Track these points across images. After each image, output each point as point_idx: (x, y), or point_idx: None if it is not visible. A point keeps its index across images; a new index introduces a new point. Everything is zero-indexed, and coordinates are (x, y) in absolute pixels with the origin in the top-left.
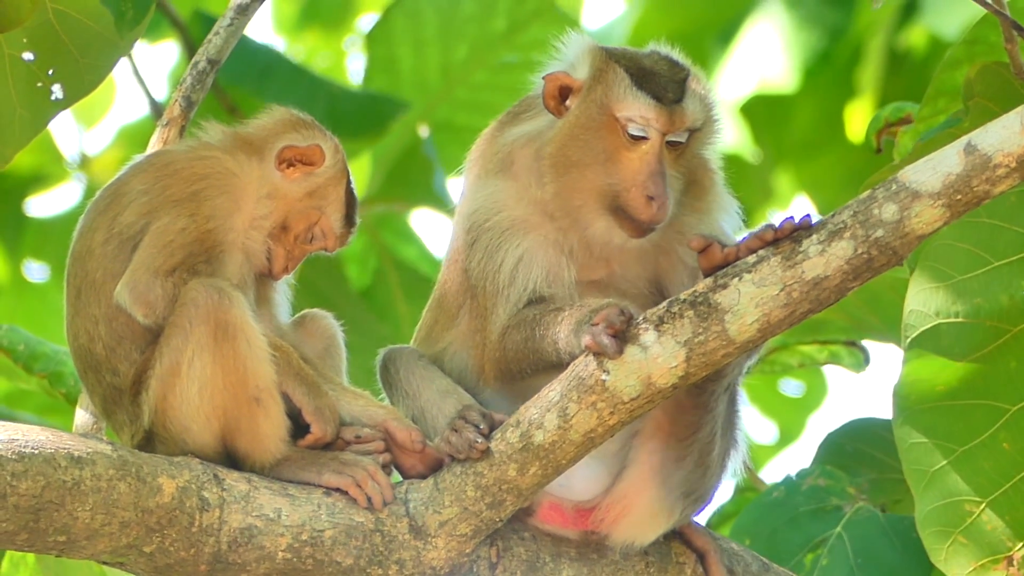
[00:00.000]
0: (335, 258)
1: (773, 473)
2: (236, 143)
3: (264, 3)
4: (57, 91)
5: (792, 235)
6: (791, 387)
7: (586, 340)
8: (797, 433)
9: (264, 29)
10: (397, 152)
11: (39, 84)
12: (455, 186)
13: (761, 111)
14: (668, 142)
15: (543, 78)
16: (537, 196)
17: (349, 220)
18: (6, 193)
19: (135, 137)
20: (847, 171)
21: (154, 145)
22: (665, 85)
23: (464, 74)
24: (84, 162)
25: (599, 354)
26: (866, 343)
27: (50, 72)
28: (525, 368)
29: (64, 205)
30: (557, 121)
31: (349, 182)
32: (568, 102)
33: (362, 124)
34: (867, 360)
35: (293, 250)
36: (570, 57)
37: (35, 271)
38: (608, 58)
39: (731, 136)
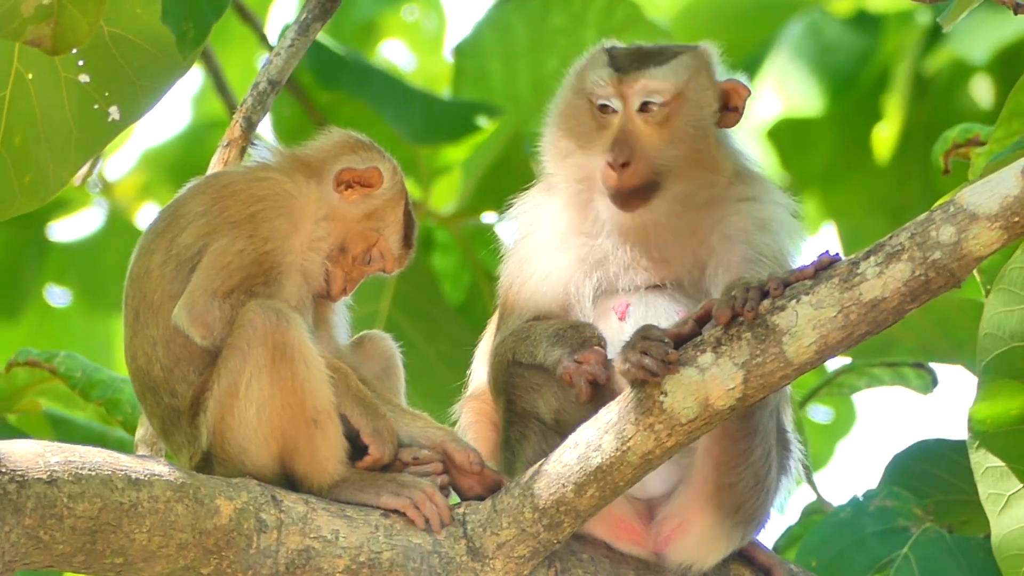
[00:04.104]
0: (433, 274)
1: (805, 498)
2: (294, 165)
3: (325, 23)
4: (114, 113)
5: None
6: (819, 413)
7: (563, 368)
8: (826, 459)
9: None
10: (487, 165)
11: (95, 106)
12: None
13: (787, 136)
14: (643, 110)
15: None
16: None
17: (407, 241)
18: (29, 217)
19: (158, 161)
20: (873, 197)
21: (214, 166)
22: (633, 56)
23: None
24: (106, 187)
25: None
26: (933, 365)
27: (106, 94)
28: (504, 379)
29: (86, 230)
30: None
31: (407, 203)
32: None
33: (457, 129)
34: (935, 382)
35: (351, 272)
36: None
37: (57, 296)
38: (602, 48)
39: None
